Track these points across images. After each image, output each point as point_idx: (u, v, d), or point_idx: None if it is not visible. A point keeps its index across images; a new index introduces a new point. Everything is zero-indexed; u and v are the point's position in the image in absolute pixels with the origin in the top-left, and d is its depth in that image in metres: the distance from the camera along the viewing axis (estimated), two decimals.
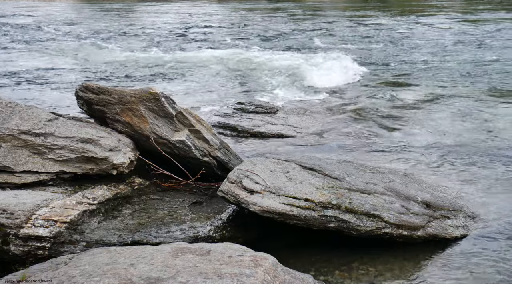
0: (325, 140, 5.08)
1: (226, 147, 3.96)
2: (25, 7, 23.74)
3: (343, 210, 2.99)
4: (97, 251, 2.41)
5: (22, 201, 2.84)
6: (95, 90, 3.71)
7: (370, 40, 12.39)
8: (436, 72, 8.40)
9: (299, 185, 3.14)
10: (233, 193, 3.00)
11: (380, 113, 6.00)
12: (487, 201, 3.65)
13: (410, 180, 3.68)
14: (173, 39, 12.98)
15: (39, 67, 9.01)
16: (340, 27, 15.32)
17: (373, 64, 9.28)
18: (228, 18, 18.91)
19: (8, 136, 3.17)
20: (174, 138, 3.62)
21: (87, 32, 14.32)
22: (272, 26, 15.72)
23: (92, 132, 3.43)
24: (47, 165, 3.24)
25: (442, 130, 5.33)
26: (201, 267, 2.13)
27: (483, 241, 3.12)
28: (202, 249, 2.34)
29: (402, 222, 3.07)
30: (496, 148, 4.75)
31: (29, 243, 2.69)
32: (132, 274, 2.07)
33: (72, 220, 2.83)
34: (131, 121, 3.62)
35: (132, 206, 3.21)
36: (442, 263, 2.90)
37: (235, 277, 2.05)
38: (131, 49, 11.19)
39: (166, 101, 3.61)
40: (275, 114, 5.81)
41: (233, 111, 5.82)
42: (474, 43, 11.34)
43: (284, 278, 2.23)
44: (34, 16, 18.90)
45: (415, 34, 13.27)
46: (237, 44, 11.95)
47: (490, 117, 5.80)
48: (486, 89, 7.11)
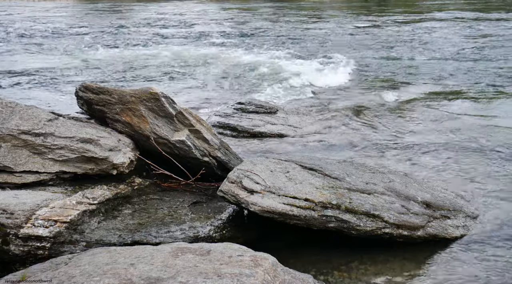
0: (325, 140, 5.08)
1: (226, 147, 3.96)
2: (24, 7, 23.74)
3: (343, 210, 3.00)
4: (97, 251, 2.41)
5: (22, 201, 2.84)
6: (95, 90, 3.71)
7: (368, 40, 12.40)
8: (435, 71, 8.41)
9: (299, 185, 3.14)
10: (233, 193, 3.00)
11: (379, 112, 6.00)
12: (487, 200, 3.65)
13: (410, 180, 3.68)
14: (173, 39, 12.98)
15: (39, 66, 9.01)
16: (338, 27, 15.32)
17: (371, 64, 9.28)
18: (228, 18, 18.91)
19: (8, 136, 3.17)
20: (174, 138, 3.62)
21: (85, 31, 14.32)
22: (270, 26, 15.72)
23: (92, 132, 3.43)
24: (47, 165, 3.24)
25: (441, 129, 5.33)
26: (201, 267, 2.13)
27: (483, 241, 3.12)
28: (202, 249, 2.34)
29: (402, 222, 3.07)
30: (495, 146, 4.76)
31: (29, 243, 2.69)
32: (132, 274, 2.07)
33: (72, 220, 2.83)
34: (131, 121, 3.62)
35: (132, 206, 3.21)
36: (442, 263, 2.90)
37: (235, 277, 2.05)
38: (131, 49, 11.18)
39: (166, 101, 3.61)
40: (275, 114, 5.81)
41: (233, 111, 5.81)
42: (472, 41, 11.34)
43: (284, 278, 2.23)
44: (34, 16, 18.91)
45: (413, 33, 13.27)
46: (236, 44, 11.95)
47: (489, 115, 5.81)
48: (486, 88, 7.12)
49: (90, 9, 23.67)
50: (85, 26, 15.84)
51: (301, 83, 7.66)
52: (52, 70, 8.74)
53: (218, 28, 15.46)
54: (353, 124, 5.58)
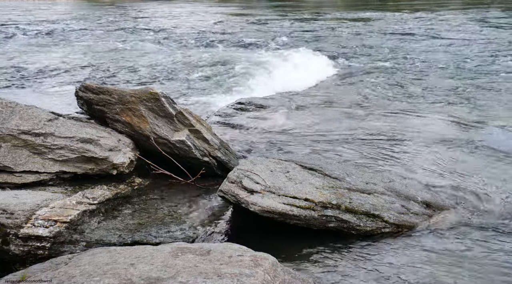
0: (325, 136, 5.08)
1: (226, 147, 3.96)
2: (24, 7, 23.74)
3: (343, 210, 3.00)
4: (97, 251, 2.41)
5: (22, 201, 2.84)
6: (95, 90, 3.71)
7: (363, 37, 12.45)
8: (433, 70, 8.41)
9: (299, 185, 3.14)
10: (233, 193, 3.00)
11: (378, 108, 6.01)
12: (487, 199, 3.64)
13: (410, 180, 3.68)
14: (172, 38, 12.98)
15: (39, 66, 9.01)
16: (337, 26, 15.32)
17: (368, 61, 9.32)
18: (227, 18, 18.91)
19: (8, 136, 3.17)
20: (174, 138, 3.62)
21: (85, 31, 14.32)
22: (268, 26, 15.72)
23: (92, 132, 3.43)
24: (47, 165, 3.24)
25: (438, 126, 5.34)
26: (201, 267, 2.13)
27: (484, 239, 3.12)
28: (202, 249, 2.33)
29: (402, 222, 3.07)
30: (493, 143, 4.76)
31: (29, 243, 2.69)
32: (132, 274, 2.07)
33: (72, 220, 2.83)
34: (131, 121, 3.62)
35: (132, 206, 3.21)
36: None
37: (235, 277, 2.05)
38: (130, 49, 11.18)
39: (166, 101, 3.61)
40: (275, 112, 5.80)
41: (233, 110, 5.81)
42: (467, 40, 11.33)
43: (284, 278, 2.23)
44: (33, 16, 18.90)
45: (411, 32, 13.26)
46: (235, 43, 11.95)
47: (488, 113, 5.82)
48: (480, 85, 7.14)
49: (90, 9, 23.68)
50: (84, 25, 15.84)
51: (300, 82, 7.67)
52: (51, 69, 8.74)
53: (216, 29, 15.45)
54: (351, 121, 5.57)
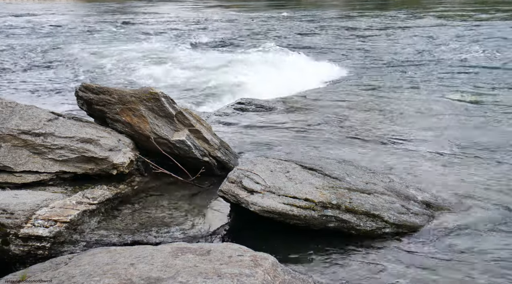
0: (325, 136, 5.08)
1: (226, 146, 3.96)
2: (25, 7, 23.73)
3: (343, 210, 2.99)
4: (97, 251, 2.41)
5: (22, 201, 2.84)
6: (95, 90, 3.71)
7: (363, 37, 12.45)
8: (432, 69, 8.42)
9: (299, 185, 3.13)
10: (233, 193, 3.00)
11: (377, 108, 6.01)
12: (487, 199, 3.64)
13: (410, 180, 3.68)
14: (171, 38, 12.98)
15: (39, 66, 9.00)
16: (335, 27, 15.32)
17: (368, 62, 9.32)
18: (227, 18, 18.90)
19: (8, 136, 3.17)
20: (174, 138, 3.62)
21: (84, 30, 14.31)
22: (267, 26, 15.71)
23: (92, 132, 3.43)
24: (47, 165, 3.24)
25: (438, 126, 5.34)
26: (201, 267, 2.13)
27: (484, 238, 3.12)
28: (202, 249, 2.33)
29: (402, 222, 3.07)
30: (493, 143, 4.76)
31: (29, 243, 2.69)
32: (132, 274, 2.07)
33: (72, 220, 2.83)
34: (131, 121, 3.62)
35: (132, 205, 3.21)
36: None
37: (235, 277, 2.04)
38: (130, 49, 11.18)
39: (166, 101, 3.61)
40: (275, 112, 5.81)
41: (233, 110, 5.81)
42: (466, 40, 11.32)
43: (284, 278, 2.23)
44: (33, 16, 18.89)
45: (409, 32, 13.26)
46: (235, 45, 11.95)
47: (487, 113, 5.82)
48: (480, 86, 7.15)
49: (89, 8, 23.66)
50: (85, 26, 15.83)
51: (298, 82, 7.69)
52: (51, 69, 8.73)
53: (215, 28, 15.43)
54: (350, 119, 5.58)
